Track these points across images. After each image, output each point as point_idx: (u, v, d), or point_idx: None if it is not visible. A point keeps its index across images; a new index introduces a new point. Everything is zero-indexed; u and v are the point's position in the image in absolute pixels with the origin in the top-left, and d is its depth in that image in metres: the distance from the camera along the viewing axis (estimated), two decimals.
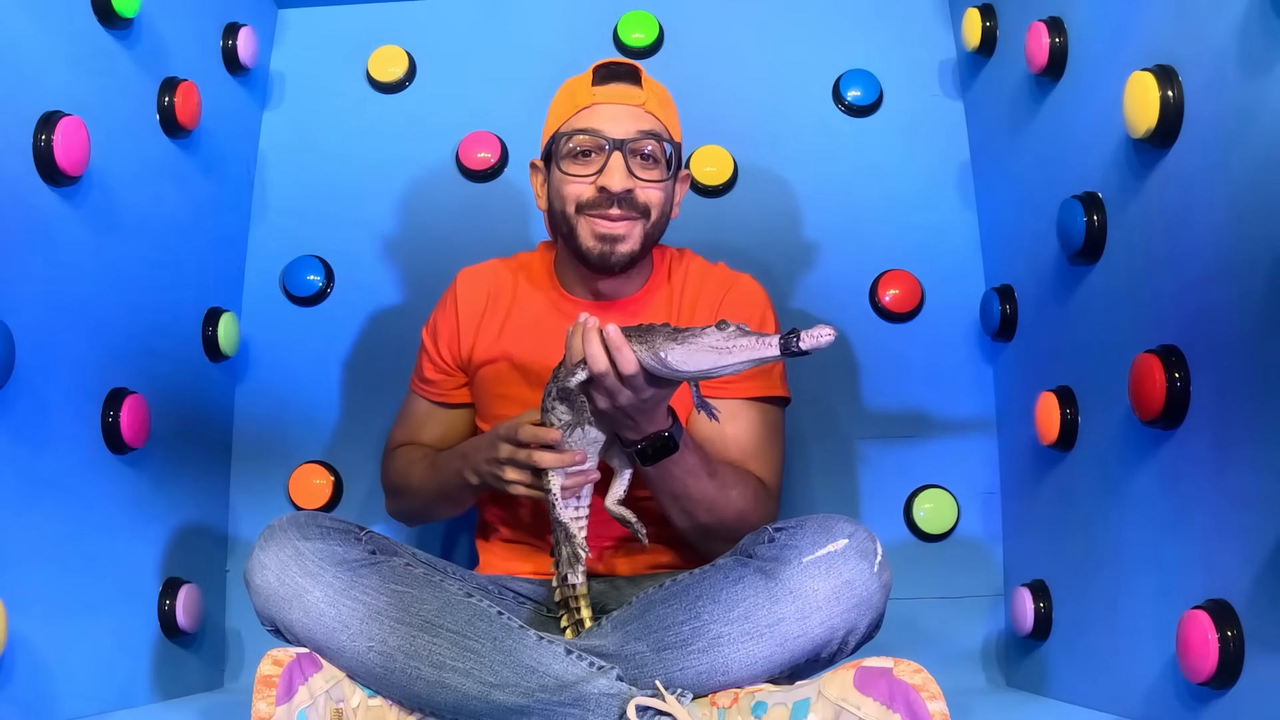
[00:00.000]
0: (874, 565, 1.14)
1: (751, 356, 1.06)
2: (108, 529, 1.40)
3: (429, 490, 1.44)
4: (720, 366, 1.07)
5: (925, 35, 1.89)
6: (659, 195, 1.39)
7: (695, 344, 1.08)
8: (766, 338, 1.05)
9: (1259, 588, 0.98)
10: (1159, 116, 1.13)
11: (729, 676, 1.13)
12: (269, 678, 1.06)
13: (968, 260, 1.80)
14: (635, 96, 1.39)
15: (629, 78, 1.40)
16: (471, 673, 1.08)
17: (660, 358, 1.10)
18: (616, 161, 1.35)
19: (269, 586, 1.14)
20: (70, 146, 1.26)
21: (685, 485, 1.27)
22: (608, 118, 1.37)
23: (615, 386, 1.13)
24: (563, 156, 1.38)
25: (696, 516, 1.31)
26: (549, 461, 1.21)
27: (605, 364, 1.11)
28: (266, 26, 1.93)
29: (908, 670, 1.06)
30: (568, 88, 1.45)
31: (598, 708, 1.08)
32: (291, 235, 1.87)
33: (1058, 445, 1.45)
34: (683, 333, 1.10)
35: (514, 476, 1.25)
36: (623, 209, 1.36)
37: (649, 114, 1.39)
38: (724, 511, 1.31)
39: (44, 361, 1.25)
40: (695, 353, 1.08)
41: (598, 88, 1.39)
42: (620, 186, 1.35)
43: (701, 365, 1.08)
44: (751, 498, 1.35)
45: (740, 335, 1.07)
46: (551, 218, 1.44)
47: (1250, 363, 1.00)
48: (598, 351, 1.11)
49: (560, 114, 1.42)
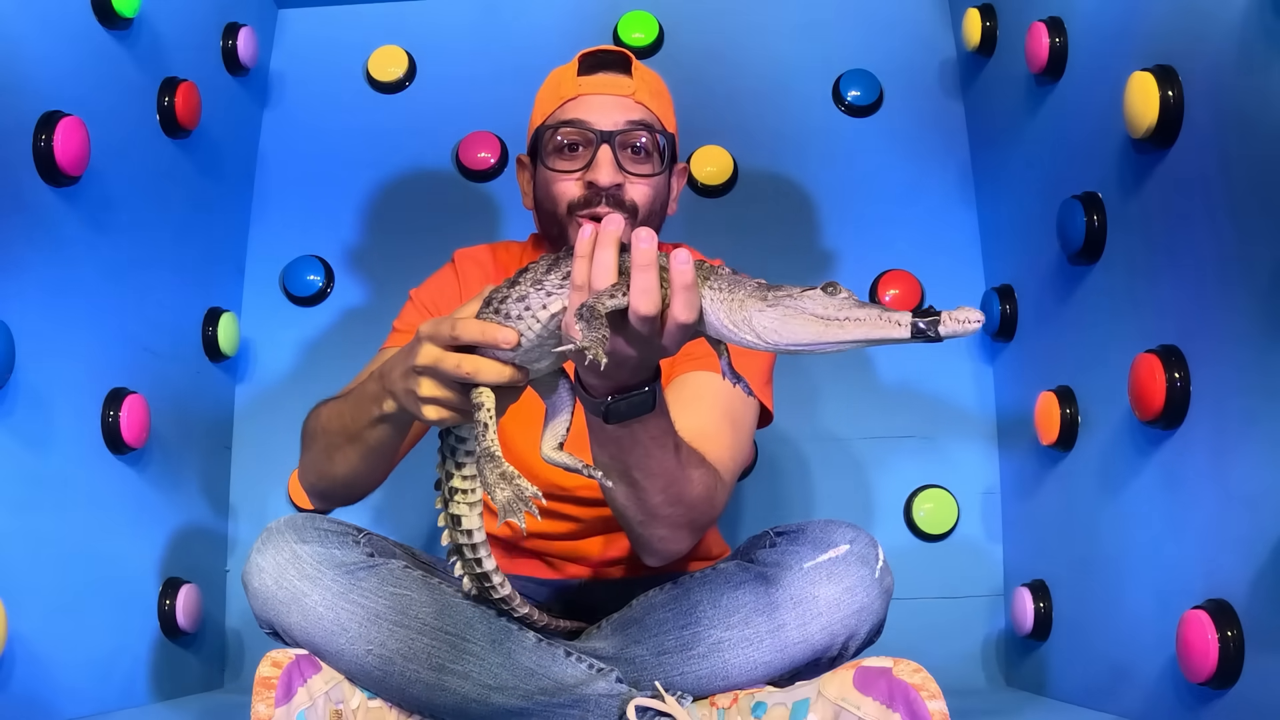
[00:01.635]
0: (875, 571, 1.12)
1: (870, 335, 0.81)
2: (108, 529, 1.40)
3: (334, 429, 1.15)
4: (823, 343, 0.83)
5: (925, 35, 1.89)
6: (650, 191, 1.31)
7: (793, 308, 0.84)
8: (892, 314, 0.80)
9: (1259, 588, 0.98)
10: (1159, 116, 1.13)
11: (729, 681, 1.12)
12: (268, 679, 1.06)
13: (968, 260, 1.81)
14: (624, 86, 1.31)
15: (618, 66, 1.33)
16: (470, 675, 1.08)
17: (741, 318, 0.86)
18: (605, 155, 1.27)
19: (267, 590, 1.13)
20: (70, 146, 1.26)
21: (647, 454, 1.02)
22: (595, 108, 1.29)
23: (651, 334, 0.88)
24: (548, 151, 1.31)
25: (647, 494, 1.06)
26: (489, 373, 0.94)
27: (659, 304, 0.86)
28: (266, 26, 1.93)
29: (907, 670, 1.05)
30: (553, 78, 1.37)
31: (597, 709, 1.08)
32: (291, 235, 1.87)
33: (1058, 445, 1.45)
34: (775, 290, 0.86)
35: (431, 392, 0.96)
36: (612, 206, 1.28)
37: (639, 104, 1.31)
38: (680, 493, 1.08)
39: (44, 361, 1.25)
40: (792, 320, 0.84)
41: (584, 77, 1.31)
42: (609, 181, 1.27)
43: (798, 338, 0.84)
44: (711, 483, 1.12)
45: (857, 305, 0.82)
46: (540, 217, 1.36)
47: (1250, 363, 1.00)
48: (653, 284, 0.85)
49: (545, 106, 1.35)
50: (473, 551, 1.05)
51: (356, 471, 1.19)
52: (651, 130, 1.31)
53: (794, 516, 1.74)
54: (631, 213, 1.29)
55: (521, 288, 0.94)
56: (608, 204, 1.27)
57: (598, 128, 1.28)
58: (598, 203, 1.27)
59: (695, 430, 1.15)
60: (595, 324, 0.86)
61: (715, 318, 0.87)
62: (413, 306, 1.42)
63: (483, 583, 1.06)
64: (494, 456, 0.92)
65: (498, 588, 1.07)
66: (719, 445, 1.18)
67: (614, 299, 0.86)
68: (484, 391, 0.94)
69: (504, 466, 0.92)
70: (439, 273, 1.46)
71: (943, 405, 1.77)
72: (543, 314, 0.93)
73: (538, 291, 0.93)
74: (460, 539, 1.04)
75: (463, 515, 1.04)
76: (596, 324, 0.86)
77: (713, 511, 1.15)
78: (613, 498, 1.10)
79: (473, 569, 1.06)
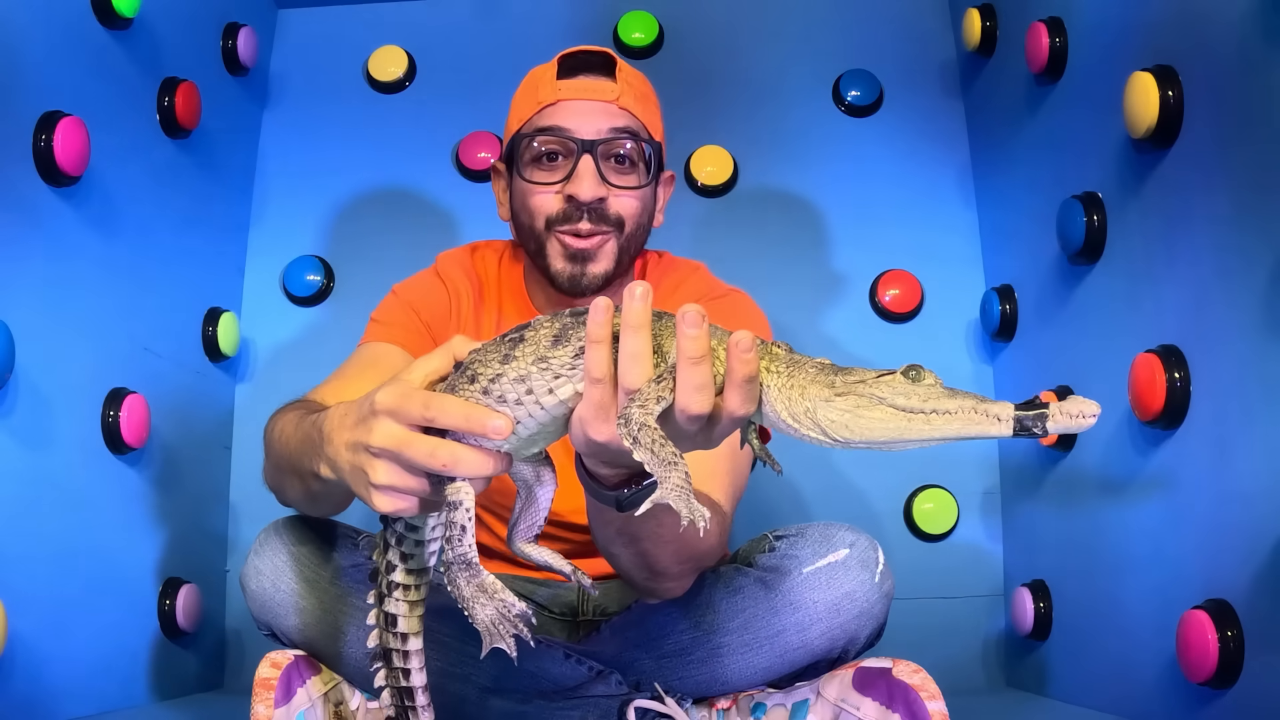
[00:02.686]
0: (875, 575, 1.10)
1: (964, 432, 0.69)
2: (108, 529, 1.40)
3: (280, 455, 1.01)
4: (906, 440, 0.71)
5: (925, 35, 1.89)
6: (635, 204, 1.22)
7: (869, 398, 0.71)
8: (990, 405, 0.68)
9: (1259, 588, 0.98)
10: (1159, 116, 1.13)
11: (728, 685, 1.12)
12: (267, 680, 1.06)
13: (968, 260, 1.81)
14: (607, 91, 1.21)
15: (600, 68, 1.23)
16: (469, 678, 1.08)
17: (803, 410, 0.72)
18: (586, 166, 1.18)
19: (264, 592, 1.13)
20: (70, 146, 1.26)
21: (659, 524, 0.91)
22: (575, 115, 1.20)
23: (698, 431, 0.74)
24: (525, 161, 1.22)
25: (655, 559, 0.97)
26: (470, 466, 0.76)
27: (711, 402, 0.71)
28: (266, 26, 1.93)
29: (907, 670, 1.05)
30: (530, 80, 1.27)
31: (596, 711, 1.07)
32: (291, 235, 1.87)
33: (1058, 445, 1.45)
34: (844, 376, 0.72)
35: (389, 480, 0.78)
36: (593, 221, 1.20)
37: (623, 110, 1.22)
38: (690, 551, 1.00)
39: (44, 361, 1.25)
40: (865, 413, 0.71)
41: (564, 81, 1.22)
42: (590, 195, 1.18)
43: (874, 435, 0.71)
44: (718, 530, 1.05)
45: (947, 395, 0.69)
46: (517, 230, 1.27)
47: (1250, 363, 1.00)
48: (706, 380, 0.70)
49: (522, 111, 1.25)
50: (403, 660, 0.87)
51: (305, 505, 1.08)
52: (637, 138, 1.22)
53: (794, 517, 1.74)
54: (617, 226, 1.22)
55: (520, 365, 0.76)
56: (590, 219, 1.20)
57: (578, 136, 1.19)
58: (579, 218, 1.20)
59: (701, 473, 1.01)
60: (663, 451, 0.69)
61: (771, 409, 0.72)
62: (396, 301, 1.33)
63: (404, 700, 0.87)
64: (471, 564, 0.77)
65: (419, 711, 0.88)
66: (723, 482, 1.09)
67: (661, 401, 0.71)
68: (462, 486, 0.77)
69: (484, 577, 0.78)
70: (423, 275, 1.38)
71: None
72: (549, 400, 0.76)
73: (542, 373, 0.75)
74: (391, 643, 0.87)
75: (400, 615, 0.86)
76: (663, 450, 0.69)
77: (720, 553, 1.10)
78: (618, 564, 0.99)
79: (397, 680, 0.87)
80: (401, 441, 0.76)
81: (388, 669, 0.88)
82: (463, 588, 0.78)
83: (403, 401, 0.77)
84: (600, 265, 1.22)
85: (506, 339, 0.78)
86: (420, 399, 0.77)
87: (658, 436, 0.70)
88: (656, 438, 0.70)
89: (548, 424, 0.78)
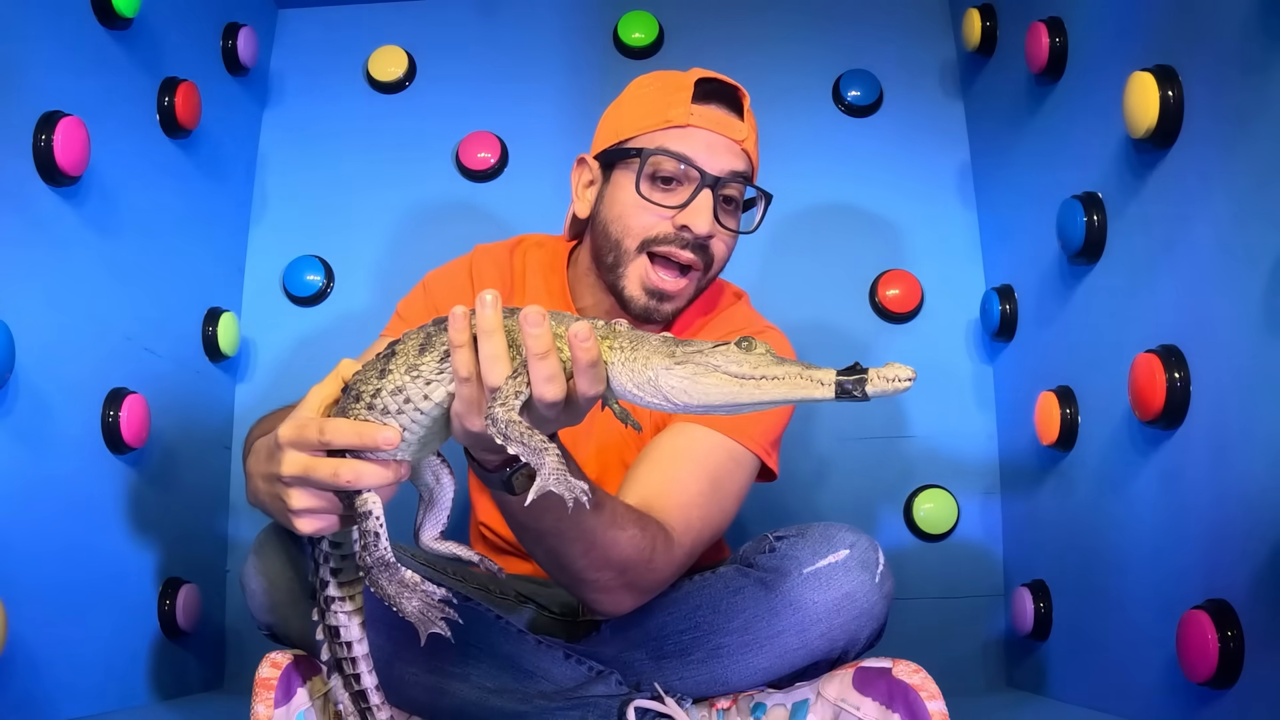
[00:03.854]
0: (875, 576, 1.10)
1: (790, 394, 0.75)
2: (108, 529, 1.40)
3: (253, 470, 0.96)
4: (738, 403, 0.77)
5: (925, 35, 1.89)
6: (726, 248, 1.24)
7: (704, 367, 0.77)
8: (815, 371, 0.75)
9: (1259, 588, 0.98)
10: (1159, 116, 1.13)
11: (728, 686, 1.12)
12: (267, 680, 1.06)
13: (968, 260, 1.81)
14: (737, 129, 1.21)
15: (733, 103, 1.23)
16: (470, 678, 1.08)
17: (646, 379, 0.79)
18: (705, 201, 1.18)
19: (264, 592, 1.13)
20: (70, 146, 1.26)
21: (558, 518, 0.93)
22: (705, 146, 1.19)
23: (557, 414, 0.80)
24: (644, 175, 1.20)
25: (567, 559, 0.99)
26: (371, 478, 0.82)
27: (564, 388, 0.79)
28: (266, 26, 1.93)
29: (906, 670, 1.05)
30: (658, 91, 1.24)
31: (596, 711, 1.07)
32: (291, 235, 1.87)
33: (1058, 445, 1.45)
34: (683, 347, 0.79)
35: (305, 504, 0.84)
36: (694, 252, 1.20)
37: (745, 153, 1.22)
38: (605, 557, 0.99)
39: (44, 361, 1.25)
40: (702, 379, 0.77)
41: (699, 106, 1.20)
42: (705, 231, 1.18)
43: (710, 398, 0.77)
44: (648, 546, 1.02)
45: (775, 362, 0.77)
46: (594, 233, 1.25)
47: (1250, 363, 1.00)
48: (557, 370, 0.78)
49: (642, 121, 1.22)
50: (352, 666, 0.93)
51: None
52: (748, 184, 1.24)
53: (794, 517, 1.74)
54: (707, 265, 1.22)
55: (395, 377, 0.83)
56: (691, 250, 1.20)
57: (707, 170, 1.19)
58: (681, 246, 1.20)
59: (658, 489, 1.09)
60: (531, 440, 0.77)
61: (618, 382, 0.80)
62: (422, 296, 1.33)
63: (359, 703, 0.94)
64: (389, 565, 0.84)
65: (375, 710, 0.94)
66: (682, 504, 1.09)
67: (520, 396, 0.78)
68: (369, 498, 0.84)
69: (402, 573, 0.84)
70: (454, 266, 1.37)
71: (943, 405, 1.77)
72: (426, 404, 0.83)
73: (415, 380, 0.83)
74: (339, 652, 0.93)
75: (341, 626, 0.93)
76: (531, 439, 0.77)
77: (652, 574, 1.05)
78: (539, 562, 1.02)
79: (350, 686, 0.94)
80: (307, 467, 0.83)
81: (341, 676, 0.94)
82: (386, 587, 0.84)
83: (300, 432, 0.83)
84: (676, 304, 1.24)
85: (380, 356, 0.85)
86: (315, 426, 0.83)
87: (524, 429, 0.77)
88: (523, 430, 0.77)
89: (430, 426, 0.85)
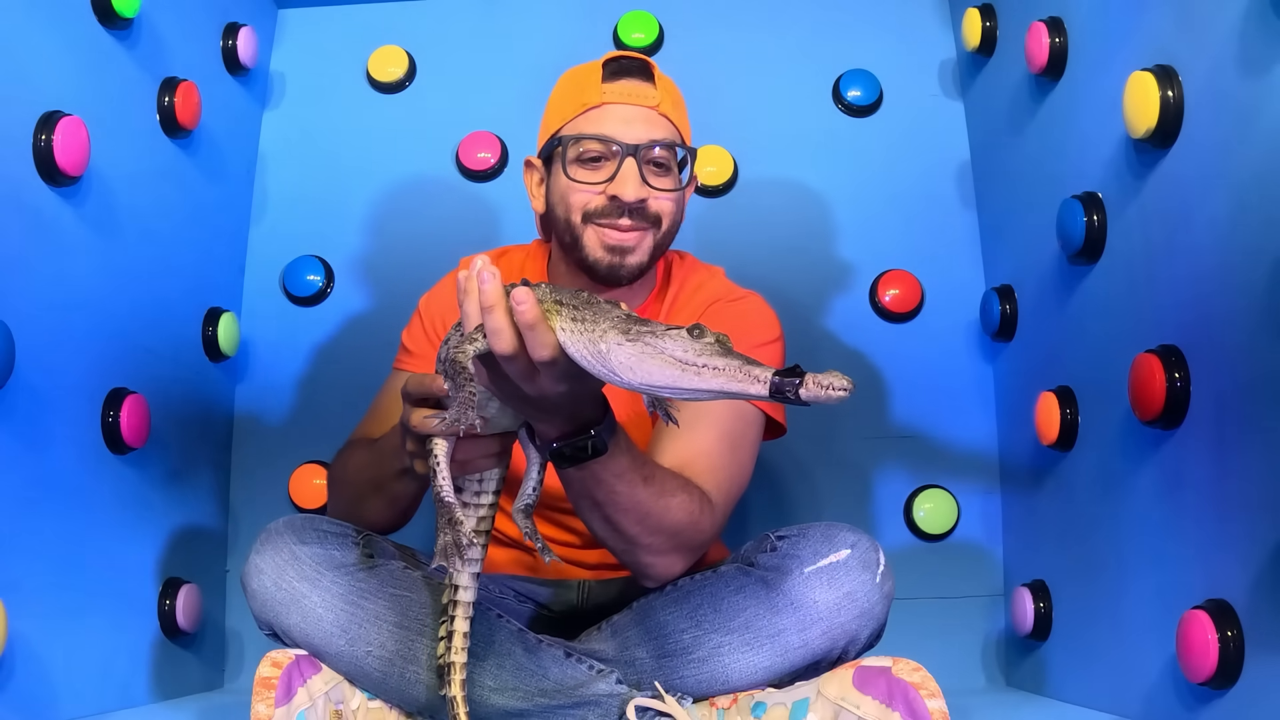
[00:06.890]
0: (876, 576, 1.11)
1: (726, 387, 0.79)
2: (108, 529, 1.40)
3: (362, 477, 1.22)
4: (678, 388, 0.81)
5: (925, 35, 1.89)
6: (671, 205, 1.29)
7: (651, 348, 0.82)
8: (755, 368, 0.78)
9: (1259, 588, 0.98)
10: (1159, 116, 1.13)
11: (728, 684, 1.12)
12: (268, 679, 1.06)
13: (968, 260, 1.81)
14: (649, 96, 1.28)
15: (641, 73, 1.30)
16: (470, 677, 1.08)
17: (598, 351, 0.84)
18: (630, 169, 1.24)
19: (266, 591, 1.13)
20: (70, 146, 1.26)
21: (613, 491, 1.03)
22: (619, 120, 1.27)
23: (524, 372, 0.88)
24: (569, 160, 1.28)
25: (622, 527, 1.08)
26: (422, 424, 0.94)
27: (512, 343, 0.86)
28: (266, 26, 1.93)
29: (907, 669, 1.05)
30: (573, 81, 1.33)
31: (597, 710, 1.08)
32: (291, 235, 1.87)
33: (1058, 445, 1.45)
34: (639, 326, 0.83)
35: (411, 447, 0.98)
36: (633, 219, 1.26)
37: (663, 117, 1.29)
38: (659, 523, 1.09)
39: (44, 361, 1.25)
40: (648, 359, 0.82)
41: (608, 84, 1.28)
42: (634, 197, 1.24)
43: (652, 379, 0.82)
44: (696, 510, 1.12)
45: (719, 353, 0.80)
46: (552, 223, 1.33)
47: (1250, 363, 1.00)
48: (502, 324, 0.85)
49: (564, 111, 1.31)
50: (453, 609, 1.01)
51: (385, 519, 1.25)
52: (676, 146, 1.29)
53: (794, 517, 1.74)
54: (655, 224, 1.28)
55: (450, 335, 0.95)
56: (631, 217, 1.26)
57: (624, 141, 1.25)
58: (619, 215, 1.26)
59: (685, 456, 1.17)
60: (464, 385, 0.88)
61: (575, 350, 0.85)
62: (420, 325, 1.40)
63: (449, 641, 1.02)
64: (444, 502, 0.94)
65: None
66: (709, 467, 1.18)
67: (474, 344, 0.87)
68: (435, 440, 0.94)
69: (453, 513, 0.94)
70: (444, 285, 1.44)
71: (943, 405, 1.77)
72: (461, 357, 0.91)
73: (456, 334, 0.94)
74: None
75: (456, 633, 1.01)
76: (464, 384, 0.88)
77: (700, 535, 1.14)
78: (594, 530, 1.10)
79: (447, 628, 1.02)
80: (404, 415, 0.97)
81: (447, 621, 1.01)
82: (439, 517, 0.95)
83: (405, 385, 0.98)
84: (637, 257, 1.29)
85: None
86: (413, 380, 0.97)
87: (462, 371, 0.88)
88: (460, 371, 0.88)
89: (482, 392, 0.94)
